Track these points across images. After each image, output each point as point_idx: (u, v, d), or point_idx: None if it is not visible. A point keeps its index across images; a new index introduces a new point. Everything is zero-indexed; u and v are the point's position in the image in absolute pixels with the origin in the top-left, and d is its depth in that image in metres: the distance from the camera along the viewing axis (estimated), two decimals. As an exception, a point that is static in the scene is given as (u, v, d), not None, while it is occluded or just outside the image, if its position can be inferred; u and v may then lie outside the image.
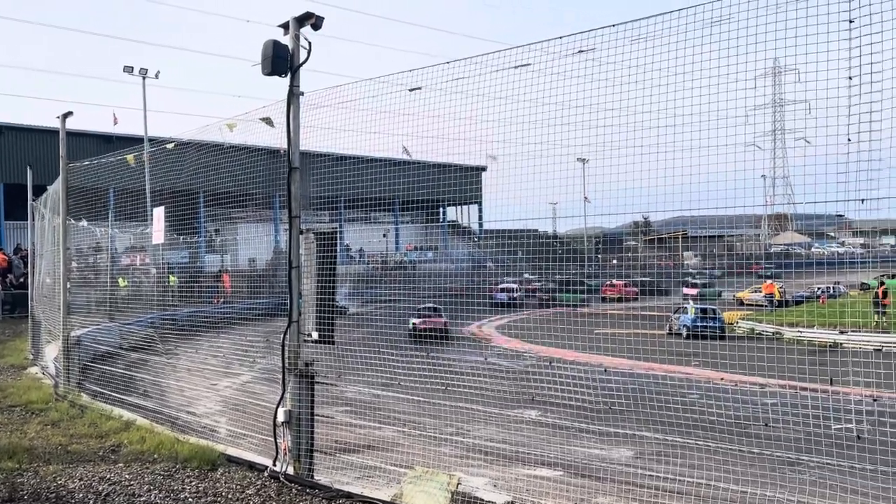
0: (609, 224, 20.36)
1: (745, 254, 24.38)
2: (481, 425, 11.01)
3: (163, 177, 12.12)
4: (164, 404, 11.41)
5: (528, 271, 17.04)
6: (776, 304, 27.28)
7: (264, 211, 20.18)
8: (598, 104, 6.59)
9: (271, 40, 7.57)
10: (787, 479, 6.80)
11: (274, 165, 8.88)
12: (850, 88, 4.72)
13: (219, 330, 12.21)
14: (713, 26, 5.27)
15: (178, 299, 14.02)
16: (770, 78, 12.51)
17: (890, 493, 5.96)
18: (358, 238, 23.01)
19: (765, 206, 41.60)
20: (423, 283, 15.82)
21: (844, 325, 18.00)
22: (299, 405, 7.59)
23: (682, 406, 7.16)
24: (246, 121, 9.24)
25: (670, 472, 7.63)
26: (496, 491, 7.41)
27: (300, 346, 7.70)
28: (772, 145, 74.05)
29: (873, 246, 21.80)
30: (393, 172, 9.94)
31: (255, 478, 7.57)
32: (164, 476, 7.59)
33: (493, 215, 8.69)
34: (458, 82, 7.49)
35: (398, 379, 8.55)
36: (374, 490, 7.28)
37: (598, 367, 9.49)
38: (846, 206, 4.87)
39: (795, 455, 7.44)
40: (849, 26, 4.71)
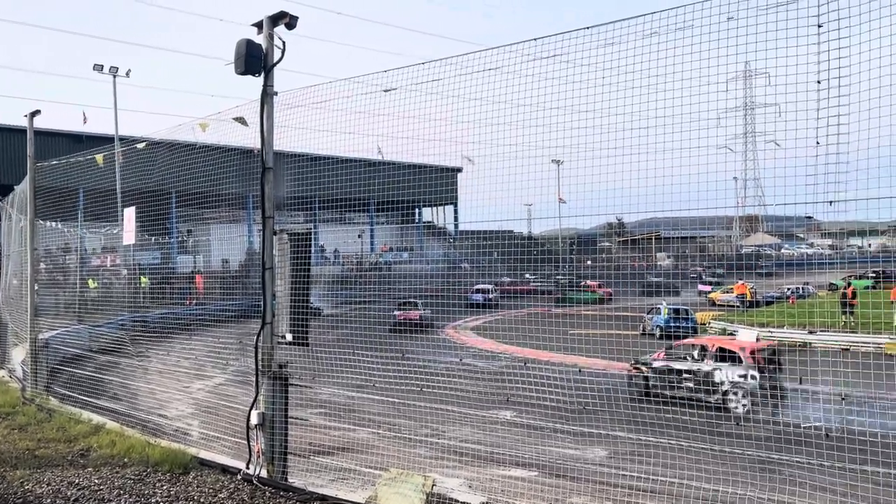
0: (583, 225, 20.48)
1: (716, 255, 24.72)
2: (456, 426, 11.01)
3: (134, 177, 11.94)
4: (135, 407, 11.25)
5: (530, 272, 17.27)
6: (747, 305, 27.65)
7: (238, 211, 20.00)
8: (573, 106, 6.63)
9: (245, 39, 7.50)
10: (759, 477, 6.89)
11: (247, 165, 8.80)
12: (818, 92, 4.80)
13: (191, 332, 12.08)
14: (685, 30, 5.32)
15: (149, 301, 13.83)
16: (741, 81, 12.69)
17: (858, 489, 6.07)
18: (333, 239, 22.90)
19: (736, 207, 42.11)
20: (399, 284, 15.80)
21: (813, 325, 18.31)
22: (273, 407, 7.51)
23: (656, 405, 7.23)
24: (219, 120, 9.14)
25: (644, 472, 7.68)
26: (471, 492, 7.41)
27: (274, 348, 7.63)
28: (743, 148, 75.12)
29: (841, 247, 22.21)
30: (368, 173, 9.91)
31: (227, 481, 7.48)
32: (135, 480, 7.47)
33: (468, 216, 8.70)
34: (433, 83, 7.49)
35: (373, 381, 8.52)
36: (348, 492, 7.24)
37: (573, 367, 9.53)
38: (815, 207, 4.95)
39: (766, 453, 7.54)
40: (817, 31, 4.79)
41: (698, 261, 23.08)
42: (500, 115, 7.25)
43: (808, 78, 4.90)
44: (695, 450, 7.20)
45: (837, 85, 4.71)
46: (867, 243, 28.21)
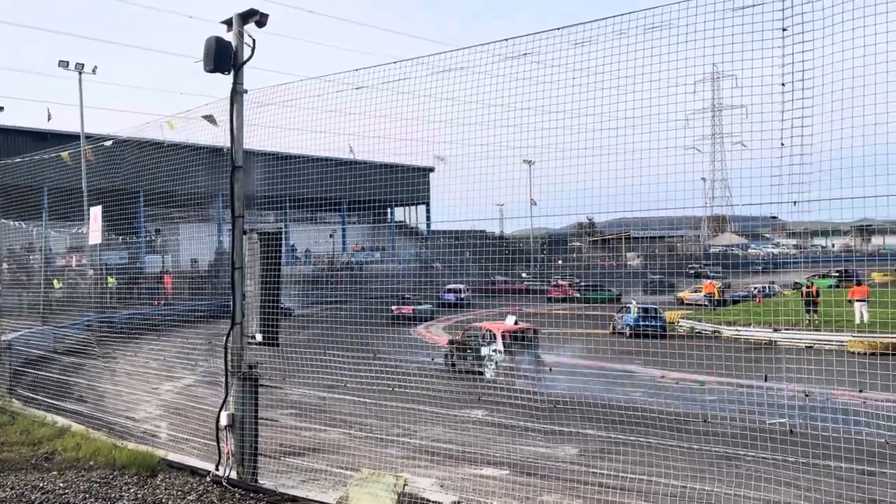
0: (554, 225, 20.60)
1: (685, 254, 25.07)
2: (428, 426, 11.01)
3: (101, 175, 11.74)
4: (102, 409, 11.06)
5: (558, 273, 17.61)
6: (715, 304, 28.08)
7: (207, 210, 19.77)
8: (544, 107, 6.68)
9: (214, 37, 7.42)
10: (725, 473, 7.00)
11: (217, 164, 8.71)
12: (782, 94, 4.89)
13: (160, 332, 11.91)
14: (654, 31, 5.39)
15: (116, 301, 13.61)
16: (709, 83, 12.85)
17: (822, 484, 6.19)
18: (304, 239, 22.72)
19: (704, 207, 42.71)
20: (371, 284, 15.75)
21: (778, 324, 18.63)
22: (243, 408, 7.45)
23: (625, 403, 7.30)
24: (188, 118, 9.04)
25: (613, 469, 7.76)
26: (443, 491, 7.42)
27: (243, 349, 7.57)
28: (711, 149, 76.20)
29: (805, 247, 22.74)
30: (340, 172, 9.86)
31: (196, 483, 7.40)
32: (101, 483, 7.35)
33: (440, 216, 8.71)
34: (405, 83, 7.48)
35: (344, 381, 8.48)
36: (319, 493, 7.21)
37: (544, 366, 9.59)
38: (779, 207, 5.05)
39: (733, 450, 7.66)
40: (782, 34, 4.88)
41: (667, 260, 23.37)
42: (471, 114, 7.27)
43: (773, 80, 5.00)
44: (663, 447, 7.29)
45: (801, 87, 4.81)
46: (830, 243, 28.84)
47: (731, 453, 7.73)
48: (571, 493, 7.59)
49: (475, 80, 7.05)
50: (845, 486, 6.70)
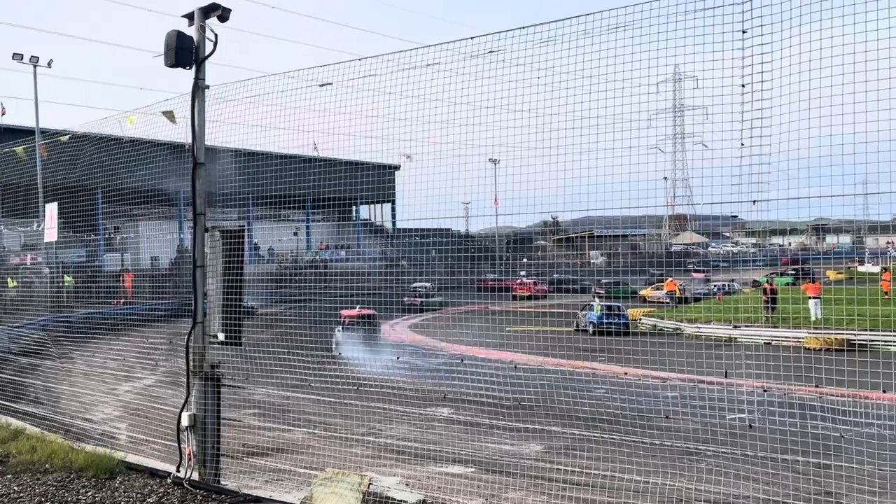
0: (520, 224, 20.69)
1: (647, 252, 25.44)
2: (394, 424, 10.98)
3: (57, 171, 11.44)
4: (58, 411, 10.80)
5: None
6: (677, 301, 28.52)
7: (169, 208, 19.43)
8: (508, 105, 6.69)
9: (175, 31, 7.27)
10: (686, 468, 7.11)
11: (179, 161, 8.55)
12: (742, 95, 4.98)
13: (119, 332, 11.67)
14: (617, 32, 5.44)
15: (74, 300, 13.30)
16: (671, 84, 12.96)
17: (779, 478, 6.32)
18: (269, 236, 22.48)
19: (666, 206, 43.38)
20: (336, 282, 15.65)
21: (737, 321, 19.00)
22: (205, 408, 7.33)
23: (589, 401, 7.37)
24: (148, 114, 8.86)
25: (578, 465, 7.83)
26: (408, 490, 7.39)
27: (205, 348, 7.44)
28: (673, 148, 77.42)
29: (764, 245, 23.22)
30: (304, 169, 9.76)
31: (157, 485, 7.26)
32: (57, 487, 7.17)
33: (406, 214, 8.68)
34: (370, 80, 7.44)
35: (308, 380, 8.41)
36: (283, 493, 7.14)
37: (509, 363, 9.64)
38: (739, 207, 5.14)
39: (693, 445, 7.79)
40: (742, 37, 4.96)
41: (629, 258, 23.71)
42: (437, 112, 7.25)
43: (734, 81, 5.08)
44: (625, 443, 7.38)
45: (760, 88, 4.90)
46: (787, 242, 29.53)
47: (692, 448, 7.88)
48: (536, 490, 7.64)
49: (440, 79, 7.04)
50: (801, 479, 6.86)
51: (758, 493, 6.72)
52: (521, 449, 9.99)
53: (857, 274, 29.69)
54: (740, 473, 6.55)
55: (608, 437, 7.35)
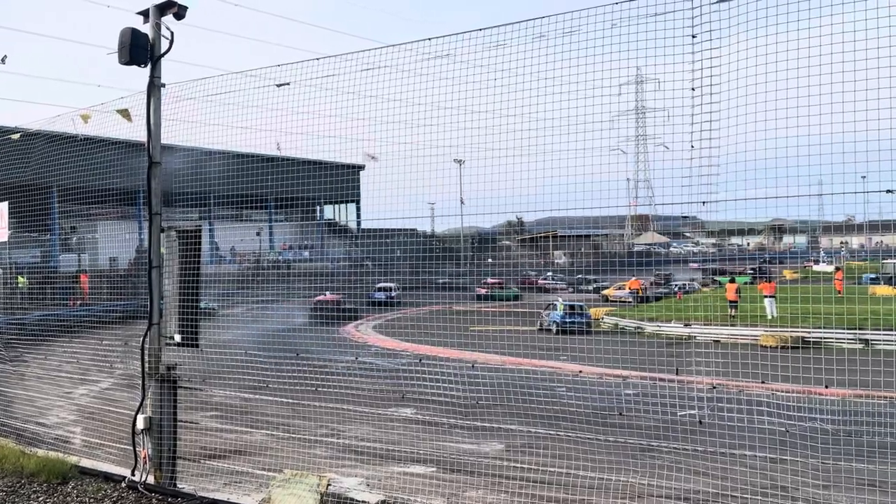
0: (485, 224, 20.79)
1: (609, 252, 25.79)
2: (355, 425, 10.95)
3: (8, 169, 11.16)
4: (10, 416, 10.54)
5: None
6: (639, 300, 28.94)
7: (127, 208, 19.08)
8: (469, 107, 6.73)
9: (129, 28, 7.19)
10: (640, 464, 7.23)
11: (136, 160, 8.42)
12: (692, 98, 5.09)
13: (74, 334, 11.43)
14: (571, 35, 5.51)
15: (27, 302, 12.98)
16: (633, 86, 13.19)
17: (728, 472, 6.47)
18: (230, 236, 22.22)
19: (628, 207, 44.05)
20: (299, 283, 15.54)
21: (690, 319, 19.34)
22: (161, 411, 7.24)
23: (548, 399, 7.45)
24: (103, 112, 8.71)
25: (536, 463, 7.91)
26: (368, 490, 7.40)
27: (161, 350, 7.36)
28: (635, 150, 78.61)
29: (722, 245, 23.73)
30: (266, 169, 9.69)
31: (111, 489, 7.15)
32: (7, 492, 7.02)
33: (371, 214, 8.67)
34: (332, 79, 7.42)
35: (267, 382, 8.35)
36: (241, 496, 7.09)
37: (469, 363, 9.69)
38: (690, 207, 5.25)
39: (647, 442, 7.92)
40: (692, 41, 5.07)
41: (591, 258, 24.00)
42: (399, 113, 7.27)
43: (685, 84, 5.19)
44: (583, 440, 7.47)
45: (710, 92, 5.01)
46: (746, 242, 30.16)
47: (645, 445, 8.01)
48: (496, 488, 7.70)
49: (401, 79, 7.06)
50: (750, 474, 7.03)
51: (711, 487, 6.87)
52: (482, 448, 10.05)
53: (812, 273, 30.45)
54: (693, 469, 6.69)
55: (566, 434, 7.44)
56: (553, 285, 25.87)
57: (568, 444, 7.41)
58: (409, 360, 14.77)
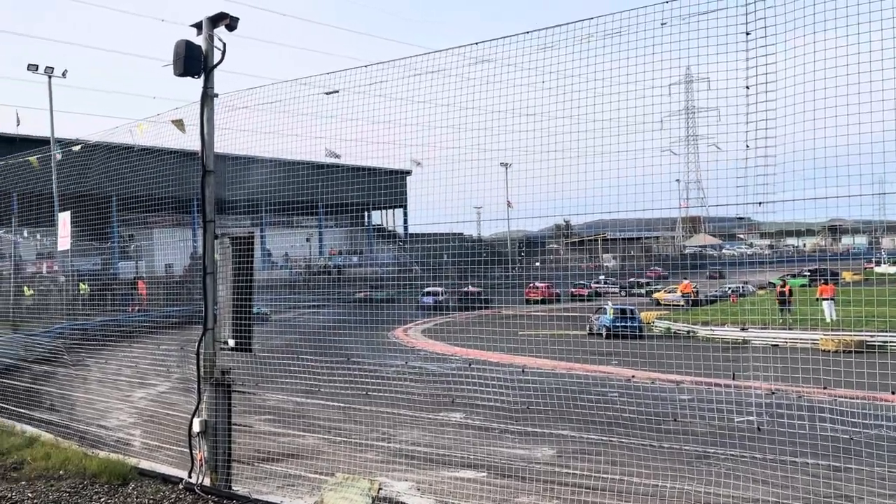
0: (532, 227, 20.66)
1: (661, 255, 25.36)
2: (406, 429, 11.00)
3: (71, 180, 11.58)
4: (73, 418, 10.91)
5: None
6: (691, 303, 28.34)
7: (182, 215, 19.55)
8: (518, 110, 6.70)
9: (183, 40, 7.37)
10: (696, 471, 7.06)
11: (190, 168, 8.64)
12: (747, 97, 4.96)
13: (133, 339, 11.77)
14: (621, 35, 5.43)
15: (89, 308, 13.42)
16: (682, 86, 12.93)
17: (790, 481, 6.27)
18: (281, 243, 22.58)
19: (679, 209, 43.17)
20: (349, 287, 15.69)
21: (747, 323, 18.85)
22: (216, 415, 7.39)
23: (601, 404, 7.34)
24: (158, 122, 8.96)
25: (589, 469, 7.80)
26: (419, 495, 7.42)
27: (216, 354, 7.50)
28: (685, 150, 77.12)
29: (778, 247, 23.05)
30: (316, 176, 9.82)
31: (169, 491, 7.32)
32: (71, 493, 7.25)
33: (418, 219, 8.70)
34: (380, 85, 7.48)
35: (319, 386, 8.44)
36: (294, 499, 7.17)
37: (520, 368, 9.62)
38: (746, 208, 5.12)
39: (703, 448, 7.74)
40: (745, 38, 4.95)
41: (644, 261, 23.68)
42: (447, 117, 7.28)
43: (739, 83, 5.06)
44: (637, 447, 7.34)
45: (765, 90, 4.88)
46: (802, 243, 29.27)
47: (701, 451, 7.82)
48: (548, 494, 7.62)
49: (449, 84, 7.07)
50: (813, 482, 6.80)
51: (771, 496, 6.67)
52: (533, 453, 9.96)
53: (874, 275, 29.39)
54: (752, 476, 6.50)
55: (619, 440, 7.32)
56: (605, 289, 25.56)
57: (621, 451, 7.29)
58: (458, 365, 14.77)
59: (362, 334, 12.17)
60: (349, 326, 14.17)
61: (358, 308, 14.46)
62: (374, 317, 14.33)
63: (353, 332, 12.51)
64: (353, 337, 11.52)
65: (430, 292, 19.87)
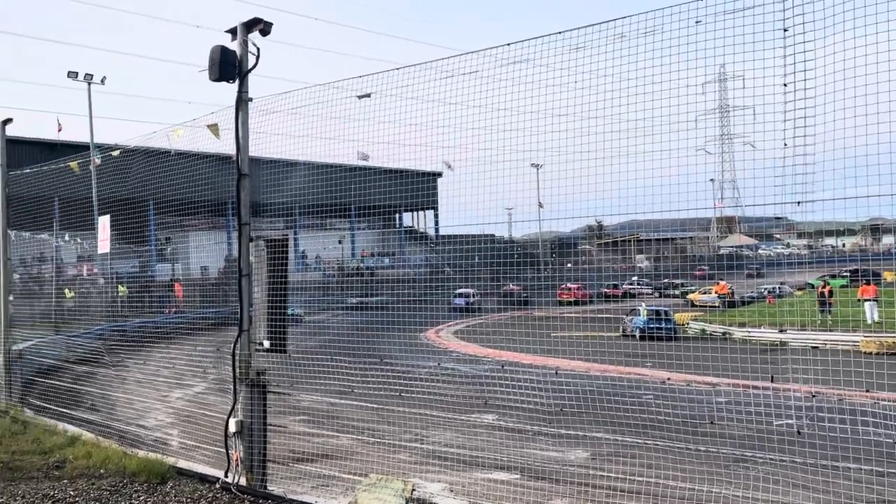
0: (564, 228, 20.52)
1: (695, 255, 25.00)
2: (439, 431, 11.00)
3: (110, 185, 11.83)
4: (113, 418, 11.13)
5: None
6: (728, 305, 27.88)
7: (217, 218, 19.84)
8: (549, 110, 6.66)
9: (219, 46, 7.47)
10: (734, 475, 6.95)
11: (225, 172, 8.76)
12: (784, 95, 4.87)
13: (170, 340, 11.97)
14: (654, 35, 5.38)
15: (127, 310, 13.69)
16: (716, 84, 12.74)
17: (830, 486, 6.13)
18: (314, 245, 22.79)
19: (713, 209, 42.54)
20: (381, 289, 15.76)
21: (785, 324, 18.48)
22: (251, 415, 7.47)
23: (636, 407, 7.27)
24: (194, 127, 9.10)
25: (624, 472, 7.73)
26: (452, 496, 7.41)
27: (251, 356, 7.59)
28: (719, 149, 75.95)
29: (816, 247, 22.55)
30: (348, 178, 9.89)
31: (206, 490, 7.43)
32: (111, 491, 7.40)
33: (449, 221, 8.71)
34: (410, 88, 7.50)
35: (353, 387, 8.49)
36: (329, 499, 7.22)
37: (553, 369, 9.56)
38: (783, 208, 5.02)
39: (741, 452, 7.60)
40: (783, 35, 4.86)
41: (678, 262, 23.39)
42: (478, 119, 7.28)
43: (776, 80, 4.97)
44: (673, 450, 7.25)
45: (804, 87, 4.78)
46: (841, 243, 28.60)
47: (739, 455, 7.68)
48: (582, 497, 7.56)
49: (480, 85, 7.06)
50: (854, 488, 6.65)
51: (812, 501, 6.54)
52: (567, 455, 9.90)
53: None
54: (791, 481, 6.37)
55: (654, 443, 7.24)
56: (638, 290, 25.29)
57: (657, 453, 7.20)
58: (490, 367, 14.74)
59: (394, 336, 12.22)
60: (380, 328, 14.23)
61: (389, 310, 14.52)
62: (405, 318, 14.38)
63: (385, 333, 12.57)
64: (385, 338, 11.57)
65: (462, 294, 19.87)
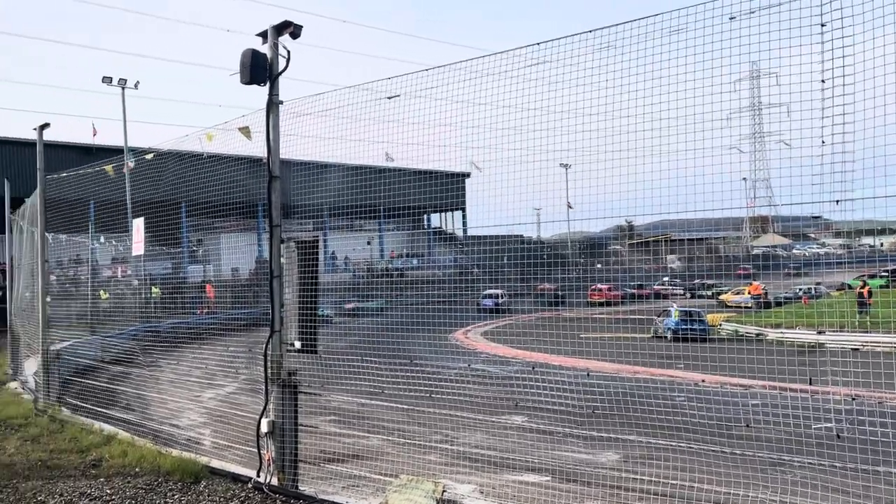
0: (593, 228, 20.38)
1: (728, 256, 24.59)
2: (468, 432, 10.98)
3: (144, 187, 12.02)
4: (147, 417, 11.30)
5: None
6: (761, 305, 27.41)
7: (248, 220, 20.03)
8: (578, 110, 6.61)
9: (249, 49, 7.55)
10: (770, 479, 6.82)
11: (256, 174, 8.84)
12: (822, 91, 4.77)
13: (202, 341, 12.12)
14: (686, 32, 5.30)
15: (160, 311, 13.90)
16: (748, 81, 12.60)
17: (871, 490, 5.99)
18: (343, 246, 22.95)
19: (746, 208, 41.76)
20: (409, 290, 15.80)
21: (823, 325, 18.09)
22: (283, 415, 7.53)
23: (667, 409, 7.18)
24: (226, 130, 9.20)
25: (657, 475, 7.62)
26: (483, 498, 7.38)
27: (283, 356, 7.65)
28: (752, 148, 74.79)
29: (853, 246, 22.00)
30: (377, 180, 9.92)
31: (238, 489, 7.50)
32: (146, 490, 7.51)
33: (477, 221, 8.69)
34: (439, 89, 7.50)
35: (382, 387, 8.51)
36: (359, 499, 7.24)
37: (583, 371, 9.49)
38: (821, 207, 4.91)
39: (777, 455, 7.45)
40: (821, 30, 4.76)
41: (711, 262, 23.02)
42: (506, 119, 7.25)
43: (813, 77, 4.87)
44: (706, 452, 7.14)
45: (842, 83, 4.67)
46: (879, 242, 27.91)
47: (776, 458, 7.53)
48: (614, 500, 7.48)
49: (508, 85, 7.03)
50: (895, 493, 6.48)
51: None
52: (598, 458, 9.81)
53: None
54: (830, 485, 6.24)
55: (687, 446, 7.13)
56: (669, 290, 24.97)
57: (690, 456, 7.09)
58: (520, 368, 14.68)
59: (423, 336, 12.24)
60: (410, 328, 14.24)
61: (418, 310, 14.53)
62: (434, 319, 14.38)
63: (414, 334, 12.59)
64: (414, 339, 11.59)
65: (490, 294, 19.83)
